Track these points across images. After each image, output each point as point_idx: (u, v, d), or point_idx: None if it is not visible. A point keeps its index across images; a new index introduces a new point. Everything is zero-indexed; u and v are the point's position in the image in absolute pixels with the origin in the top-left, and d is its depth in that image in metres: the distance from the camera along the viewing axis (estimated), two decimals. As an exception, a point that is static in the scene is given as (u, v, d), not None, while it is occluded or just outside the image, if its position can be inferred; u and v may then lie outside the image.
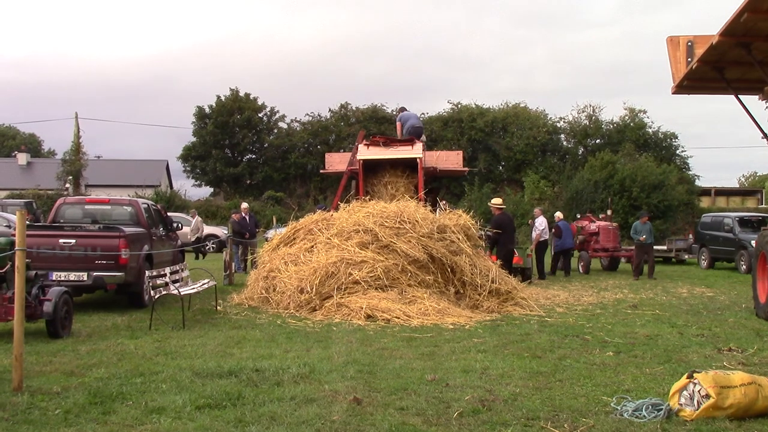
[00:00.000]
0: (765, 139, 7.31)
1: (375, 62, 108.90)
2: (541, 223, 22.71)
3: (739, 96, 7.04)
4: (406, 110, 21.36)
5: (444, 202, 19.94)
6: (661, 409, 6.52)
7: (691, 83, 7.22)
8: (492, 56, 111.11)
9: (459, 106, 56.03)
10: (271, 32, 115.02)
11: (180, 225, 17.60)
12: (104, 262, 13.05)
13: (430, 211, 15.53)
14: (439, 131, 52.77)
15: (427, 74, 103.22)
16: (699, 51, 6.71)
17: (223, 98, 57.29)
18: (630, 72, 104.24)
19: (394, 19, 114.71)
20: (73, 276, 12.96)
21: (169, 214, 28.83)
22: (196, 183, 58.61)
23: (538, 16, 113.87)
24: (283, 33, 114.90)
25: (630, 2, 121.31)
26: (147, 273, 12.76)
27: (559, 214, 25.03)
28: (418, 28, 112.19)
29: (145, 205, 15.73)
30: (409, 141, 19.51)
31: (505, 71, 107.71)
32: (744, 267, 24.04)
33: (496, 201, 19.56)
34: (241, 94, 57.81)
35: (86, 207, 15.76)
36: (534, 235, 22.80)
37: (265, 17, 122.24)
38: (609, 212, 28.95)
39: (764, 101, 8.58)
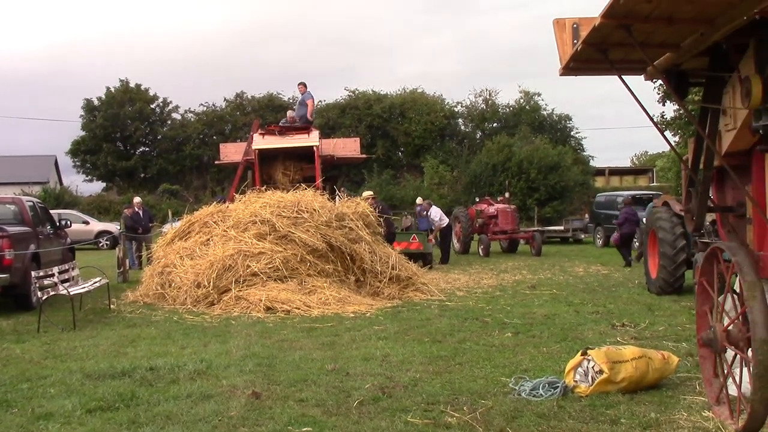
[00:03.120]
0: (649, 119, 7.42)
1: (272, 50, 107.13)
2: (435, 214, 22.55)
3: (623, 76, 7.14)
4: (306, 88, 20.80)
5: (343, 189, 19.88)
6: (558, 387, 6.64)
7: (577, 65, 7.27)
8: (396, 42, 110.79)
9: (356, 92, 55.87)
10: (163, 21, 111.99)
11: (69, 222, 16.92)
12: None
13: (329, 199, 15.43)
14: (336, 119, 52.59)
15: (327, 62, 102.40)
16: (584, 33, 6.78)
17: (113, 90, 55.53)
18: (531, 55, 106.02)
19: (293, 6, 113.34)
20: (-47, 280, 12.29)
21: (58, 211, 28.21)
22: (87, 178, 56.77)
23: (442, 1, 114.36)
24: (176, 22, 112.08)
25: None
26: (34, 273, 12.22)
27: (419, 200, 25.42)
28: (319, 15, 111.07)
29: (30, 203, 15.05)
30: (304, 129, 19.36)
31: (408, 57, 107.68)
32: (636, 244, 24.82)
33: (367, 194, 19.17)
34: (132, 85, 56.22)
35: (-34, 207, 14.96)
36: (434, 227, 22.62)
37: (156, 6, 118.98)
38: (507, 195, 29.46)
39: (649, 81, 8.78)
